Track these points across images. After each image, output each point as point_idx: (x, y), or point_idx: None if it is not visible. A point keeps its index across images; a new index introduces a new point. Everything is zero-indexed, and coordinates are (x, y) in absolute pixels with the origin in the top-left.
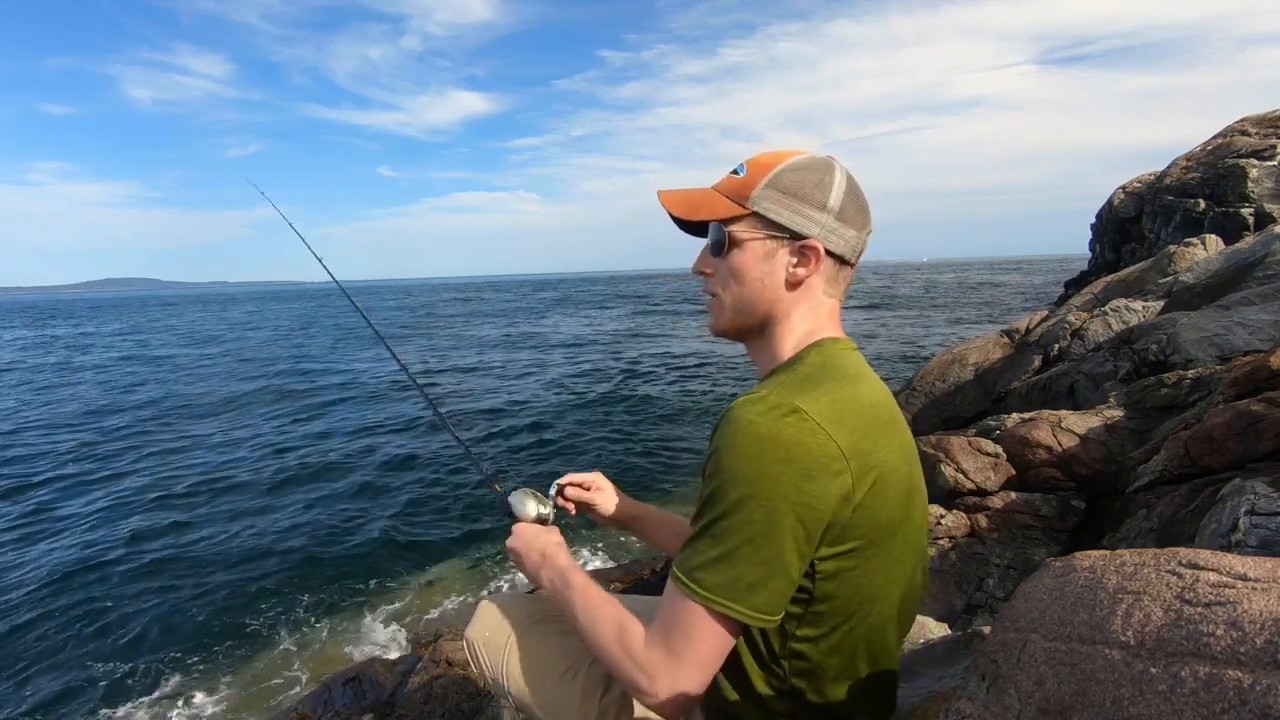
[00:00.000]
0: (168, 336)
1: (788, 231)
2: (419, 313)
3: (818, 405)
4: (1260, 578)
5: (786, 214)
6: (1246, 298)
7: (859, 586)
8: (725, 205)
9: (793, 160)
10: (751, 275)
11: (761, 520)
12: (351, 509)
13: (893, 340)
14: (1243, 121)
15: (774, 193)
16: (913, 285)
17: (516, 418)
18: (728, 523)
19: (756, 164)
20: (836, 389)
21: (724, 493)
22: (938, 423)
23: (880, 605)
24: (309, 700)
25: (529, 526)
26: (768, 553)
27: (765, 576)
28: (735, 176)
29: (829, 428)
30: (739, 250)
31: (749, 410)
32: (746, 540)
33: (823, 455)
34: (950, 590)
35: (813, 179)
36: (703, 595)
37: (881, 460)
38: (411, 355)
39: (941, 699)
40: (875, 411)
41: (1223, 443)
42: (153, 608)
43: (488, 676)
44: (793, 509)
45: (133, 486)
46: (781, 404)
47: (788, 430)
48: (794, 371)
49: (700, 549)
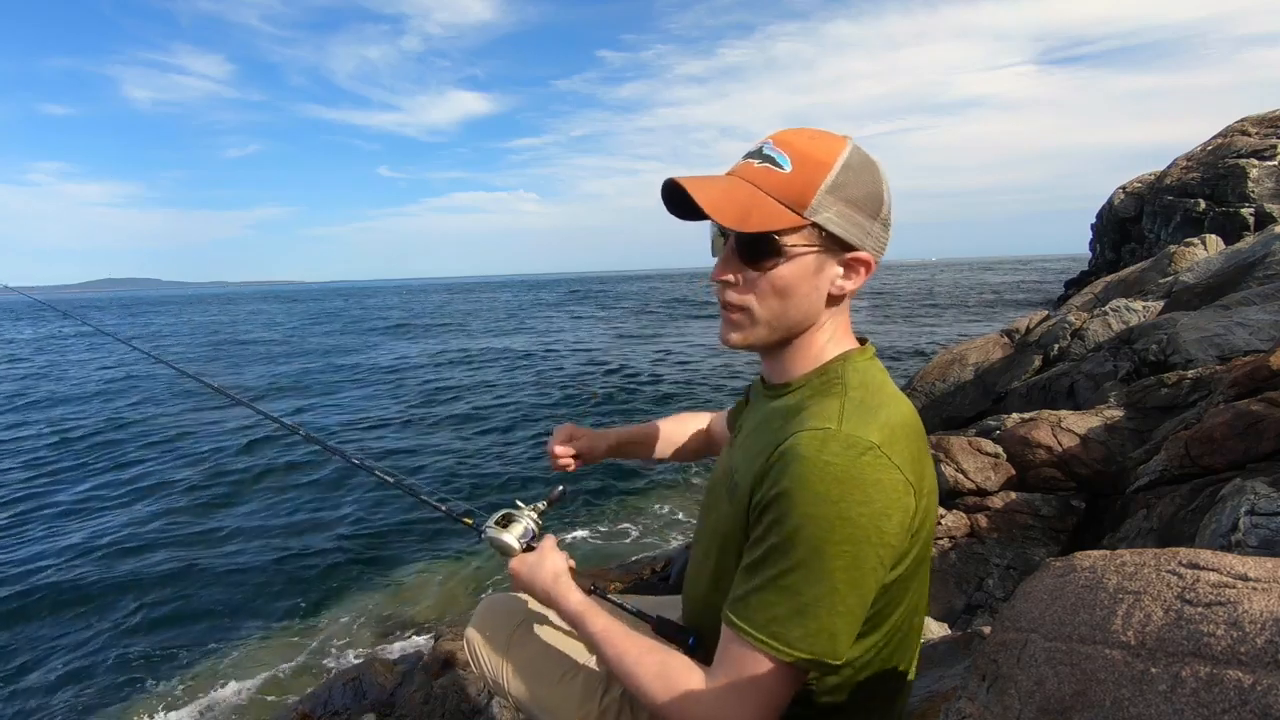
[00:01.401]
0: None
1: (841, 244)
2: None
3: (884, 435)
4: (1260, 578)
5: (847, 226)
6: (1247, 298)
7: (902, 603)
8: (780, 213)
9: (845, 157)
10: (798, 291)
11: (845, 567)
12: (352, 509)
13: (893, 340)
14: (1243, 121)
15: (839, 204)
16: (912, 285)
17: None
18: (807, 572)
19: (804, 158)
20: (889, 413)
21: (800, 539)
22: (938, 423)
23: (915, 616)
24: (309, 700)
25: (522, 563)
26: (851, 600)
27: (849, 623)
28: (776, 170)
29: (898, 459)
30: (788, 264)
31: (823, 450)
32: (830, 590)
33: (896, 491)
34: (950, 590)
35: (873, 186)
36: (787, 652)
37: (928, 481)
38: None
39: (942, 699)
40: (918, 431)
41: (1223, 443)
42: (152, 607)
43: (488, 676)
44: (874, 551)
45: (125, 489)
46: (855, 440)
47: (866, 471)
48: (844, 396)
49: (774, 600)
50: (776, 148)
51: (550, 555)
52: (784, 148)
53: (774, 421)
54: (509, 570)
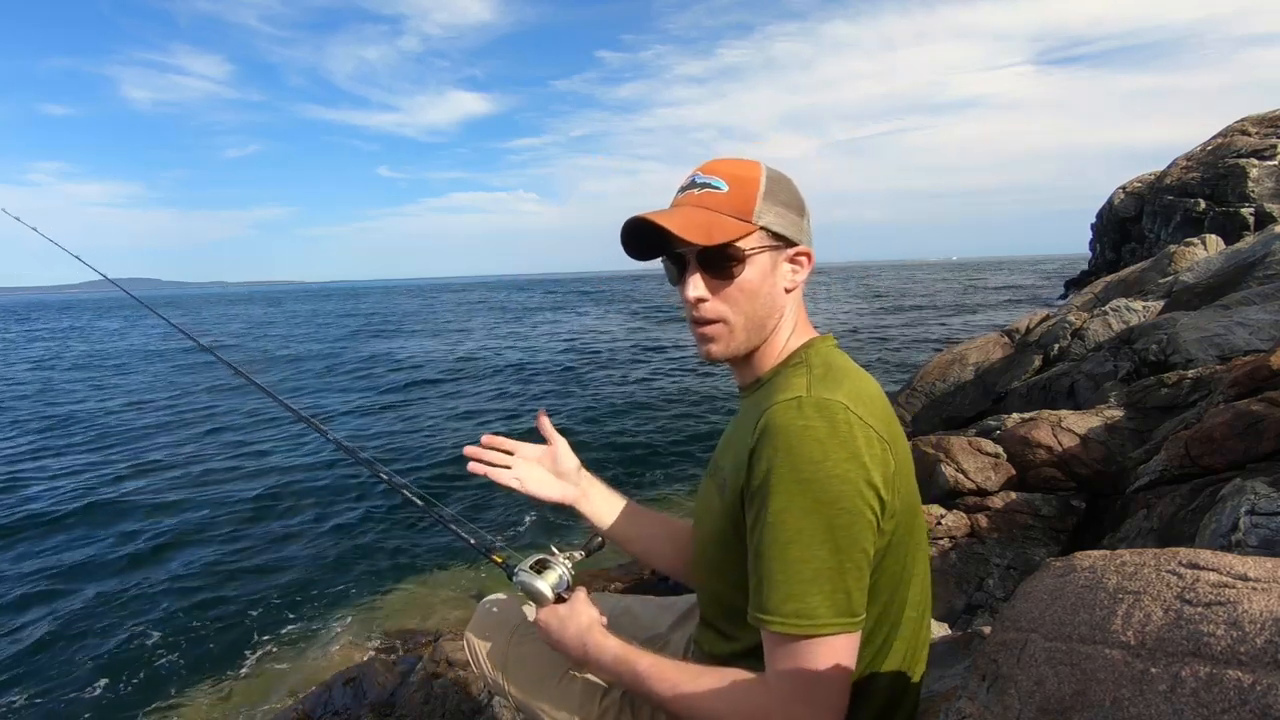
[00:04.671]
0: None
1: (784, 241)
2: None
3: (851, 398)
4: (1260, 578)
5: (786, 225)
6: (1247, 297)
7: (893, 567)
8: (734, 225)
9: (767, 171)
10: (762, 290)
11: (845, 525)
12: (359, 510)
13: (893, 340)
14: (1243, 121)
15: (776, 206)
16: (912, 285)
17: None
18: (811, 538)
19: (734, 176)
20: (854, 383)
21: (797, 506)
22: (938, 423)
23: (910, 586)
24: (309, 700)
25: (553, 615)
26: (856, 555)
27: (859, 578)
28: (716, 192)
29: (870, 419)
30: (750, 267)
31: (798, 416)
32: (835, 550)
33: (873, 445)
34: (950, 590)
35: (790, 188)
36: (821, 627)
37: (902, 449)
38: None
39: (942, 699)
40: (886, 405)
41: (1223, 443)
42: (150, 606)
43: (488, 677)
44: (868, 504)
45: (126, 495)
46: (826, 402)
47: (842, 428)
48: (809, 371)
49: (785, 580)
50: (708, 175)
51: (583, 608)
52: (714, 174)
53: (750, 412)
54: (538, 619)
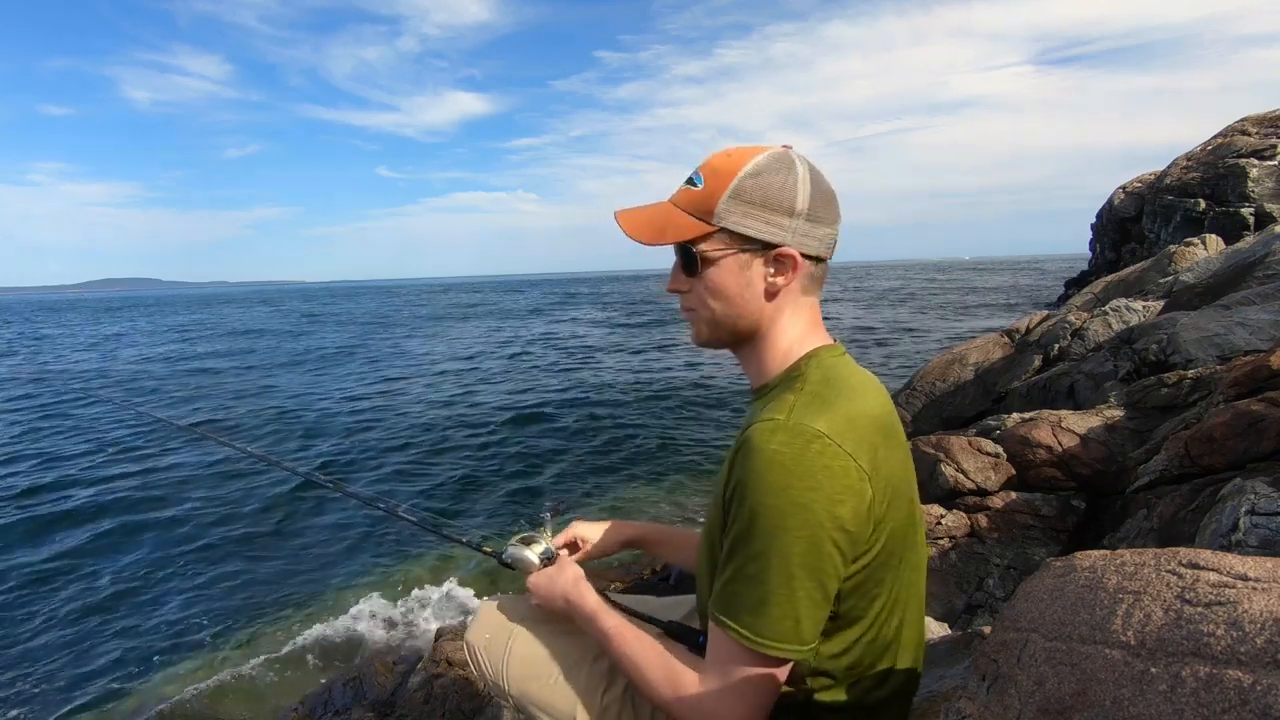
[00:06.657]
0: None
1: (759, 242)
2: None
3: (834, 425)
4: (1260, 578)
5: (756, 225)
6: (1247, 297)
7: (877, 597)
8: (690, 224)
9: (752, 165)
10: (730, 291)
11: (801, 553)
12: (354, 511)
13: (893, 340)
14: (1243, 121)
15: (740, 205)
16: (911, 285)
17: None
18: (766, 562)
19: (714, 172)
20: (847, 405)
21: (757, 529)
22: (938, 423)
23: (896, 615)
24: (309, 700)
25: (541, 575)
26: (809, 585)
27: (811, 609)
28: (693, 189)
29: (849, 447)
30: (713, 268)
31: (770, 440)
32: (788, 577)
33: (847, 477)
34: (950, 590)
35: (776, 183)
36: (759, 643)
37: (891, 472)
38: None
39: (942, 699)
40: (882, 422)
41: (1223, 442)
42: (149, 607)
43: (488, 678)
44: (829, 536)
45: (121, 493)
46: (802, 429)
47: (813, 458)
48: (801, 390)
49: (741, 591)
50: (700, 170)
51: (568, 566)
52: (704, 168)
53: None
54: (528, 584)
